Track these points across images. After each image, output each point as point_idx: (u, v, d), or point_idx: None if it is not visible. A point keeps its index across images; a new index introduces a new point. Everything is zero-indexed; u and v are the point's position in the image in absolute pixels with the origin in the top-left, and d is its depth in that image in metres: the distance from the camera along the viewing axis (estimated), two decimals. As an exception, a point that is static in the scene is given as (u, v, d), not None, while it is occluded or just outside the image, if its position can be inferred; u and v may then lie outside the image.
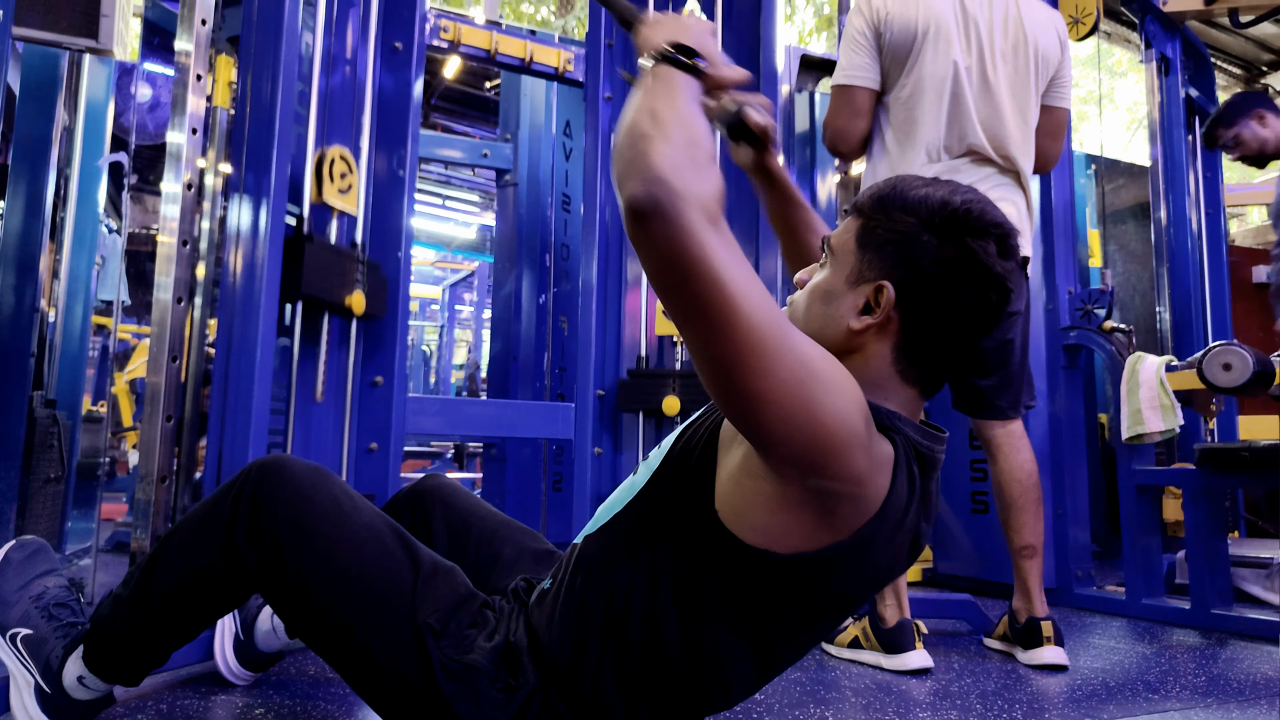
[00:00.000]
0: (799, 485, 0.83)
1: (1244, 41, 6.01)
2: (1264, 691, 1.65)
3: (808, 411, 0.78)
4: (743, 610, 0.91)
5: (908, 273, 0.91)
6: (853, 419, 0.80)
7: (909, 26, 1.91)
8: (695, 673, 0.94)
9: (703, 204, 0.74)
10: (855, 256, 0.94)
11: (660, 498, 0.96)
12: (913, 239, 0.91)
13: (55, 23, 1.98)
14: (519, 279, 3.77)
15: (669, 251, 0.74)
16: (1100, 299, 2.67)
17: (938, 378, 0.95)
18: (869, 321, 0.91)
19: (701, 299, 0.75)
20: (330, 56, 2.03)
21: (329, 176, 1.88)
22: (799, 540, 0.86)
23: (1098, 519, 3.47)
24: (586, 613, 0.96)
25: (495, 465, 3.71)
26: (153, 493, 1.58)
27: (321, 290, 1.82)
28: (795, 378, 0.77)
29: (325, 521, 1.03)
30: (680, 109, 0.82)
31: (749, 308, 0.75)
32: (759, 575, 0.88)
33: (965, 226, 0.91)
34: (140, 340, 5.03)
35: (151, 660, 1.16)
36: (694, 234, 0.74)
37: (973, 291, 0.91)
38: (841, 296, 0.94)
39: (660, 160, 0.75)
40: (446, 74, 5.39)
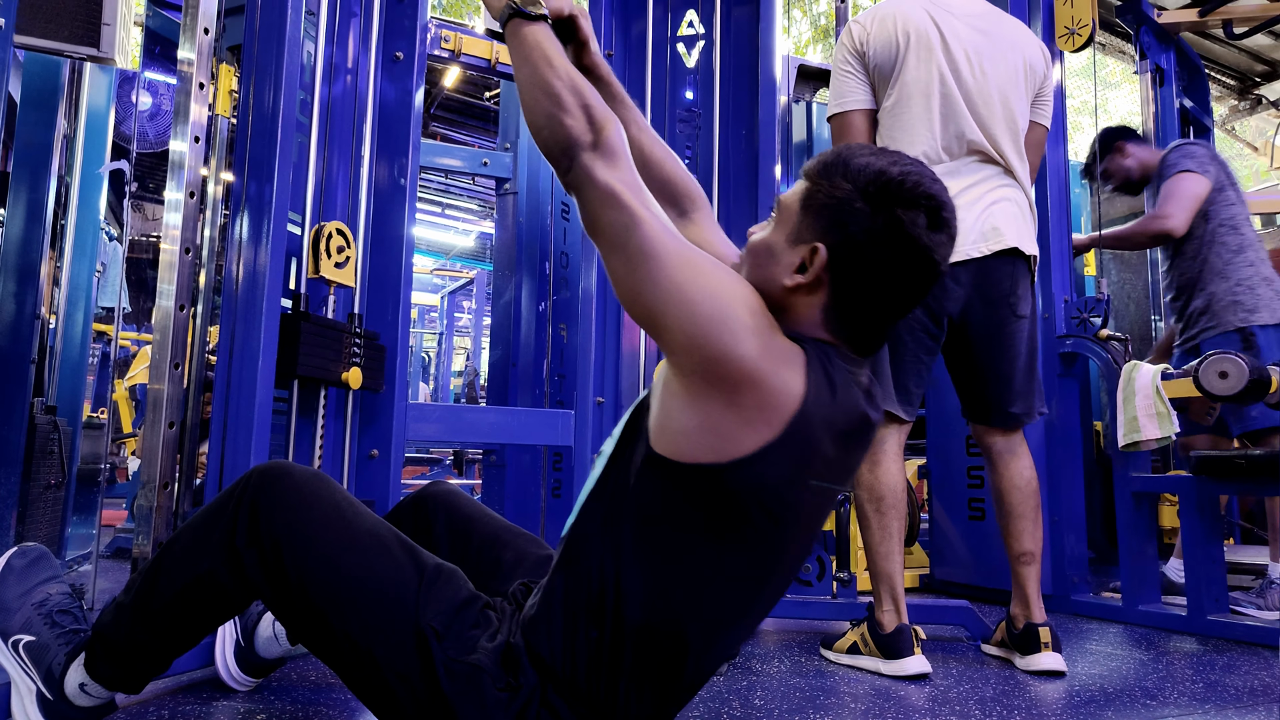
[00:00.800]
0: (700, 377, 0.90)
1: (1237, 53, 6.05)
2: (1261, 697, 1.66)
3: (686, 298, 0.89)
4: (703, 547, 0.94)
5: (840, 237, 0.96)
6: (730, 305, 0.90)
7: (889, 42, 1.94)
8: (673, 636, 0.96)
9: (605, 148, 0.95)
10: (798, 218, 1.00)
11: (613, 474, 1.00)
12: (847, 205, 0.96)
13: (56, 31, 1.98)
14: (518, 286, 3.78)
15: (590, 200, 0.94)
16: (1096, 307, 2.69)
17: (866, 339, 1.00)
18: (800, 280, 0.98)
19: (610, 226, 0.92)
20: (332, 66, 2.05)
21: (325, 251, 1.89)
22: (726, 443, 0.90)
23: (1094, 526, 3.48)
24: (569, 605, 0.98)
25: (495, 472, 3.71)
26: (154, 499, 1.58)
27: (318, 369, 1.83)
28: (681, 275, 0.90)
29: (326, 527, 1.04)
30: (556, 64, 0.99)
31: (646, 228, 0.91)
32: (707, 496, 0.92)
33: (897, 197, 0.95)
34: (141, 347, 5.03)
35: (154, 667, 1.17)
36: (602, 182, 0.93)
37: (898, 261, 0.96)
38: (780, 254, 1.00)
39: (570, 131, 0.95)
40: (446, 83, 5.41)
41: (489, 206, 9.19)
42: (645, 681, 0.97)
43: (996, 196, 1.93)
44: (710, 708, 1.51)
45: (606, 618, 0.96)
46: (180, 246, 1.65)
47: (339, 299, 2.00)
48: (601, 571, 0.96)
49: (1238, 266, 2.71)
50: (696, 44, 2.70)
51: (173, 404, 1.62)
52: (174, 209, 1.66)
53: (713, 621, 0.99)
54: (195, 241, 1.72)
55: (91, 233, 2.85)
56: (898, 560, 1.89)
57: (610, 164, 0.94)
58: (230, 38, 2.11)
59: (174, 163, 1.67)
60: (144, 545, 1.58)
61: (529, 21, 1.03)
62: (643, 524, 0.95)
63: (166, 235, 1.67)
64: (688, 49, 2.71)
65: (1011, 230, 1.91)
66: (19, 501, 2.33)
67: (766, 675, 1.77)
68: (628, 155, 0.97)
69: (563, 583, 1.00)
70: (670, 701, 1.01)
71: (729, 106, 2.62)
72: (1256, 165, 10.13)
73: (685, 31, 2.72)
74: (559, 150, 0.96)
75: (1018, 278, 1.93)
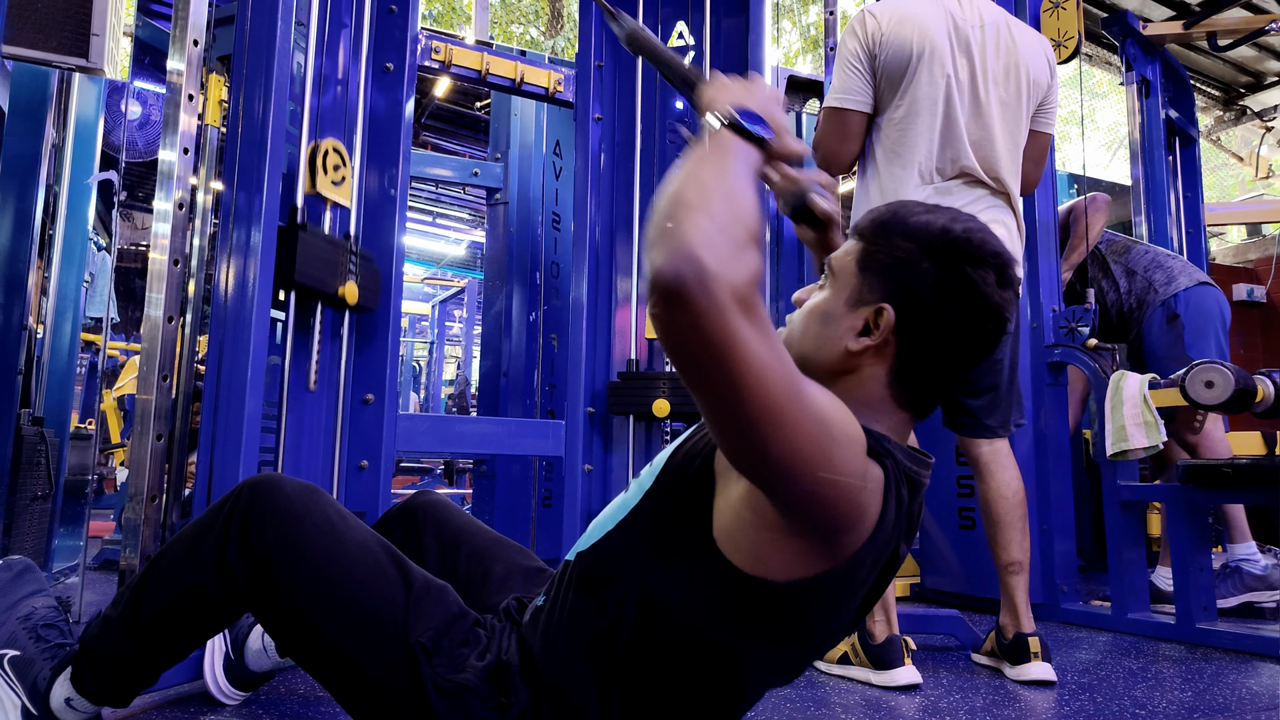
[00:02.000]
0: (805, 525, 0.83)
1: (1222, 64, 6.11)
2: (1249, 706, 1.67)
3: (826, 468, 0.78)
4: (732, 633, 0.91)
5: (906, 297, 0.92)
6: (860, 466, 0.81)
7: (904, 48, 1.91)
8: (683, 693, 0.94)
9: (734, 287, 0.68)
10: (856, 279, 0.95)
11: (653, 517, 0.96)
12: (912, 264, 0.92)
13: (45, 41, 1.98)
14: (509, 296, 3.78)
15: (691, 334, 0.69)
16: (1084, 317, 2.70)
17: (930, 401, 0.96)
18: (867, 343, 0.92)
19: (721, 382, 0.71)
20: (322, 76, 2.05)
21: (322, 168, 1.90)
22: (797, 569, 0.86)
23: (1083, 534, 3.49)
24: (578, 630, 0.96)
25: (485, 482, 3.70)
26: (142, 511, 1.57)
27: (315, 279, 1.82)
28: (812, 438, 0.76)
29: (317, 540, 1.03)
30: (731, 180, 0.77)
31: (770, 383, 0.72)
32: (753, 601, 0.89)
33: (964, 255, 0.92)
34: (129, 357, 5.00)
35: (141, 681, 1.15)
36: (721, 320, 0.68)
37: (969, 319, 0.92)
38: (840, 318, 0.94)
39: (696, 234, 0.69)
40: (437, 93, 5.42)
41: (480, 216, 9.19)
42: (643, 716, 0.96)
43: (987, 219, 1.93)
44: (701, 719, 1.51)
45: (614, 656, 0.94)
46: (169, 257, 1.64)
47: (335, 219, 1.99)
48: (619, 611, 0.94)
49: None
50: (687, 54, 2.72)
51: (161, 415, 1.61)
52: (163, 219, 1.65)
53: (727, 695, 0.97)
54: (184, 252, 1.72)
55: (80, 242, 2.84)
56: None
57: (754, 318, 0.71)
58: (220, 48, 2.11)
59: (163, 173, 1.67)
60: (132, 558, 1.57)
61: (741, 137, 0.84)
62: (680, 597, 0.92)
63: (155, 245, 1.66)
64: (678, 60, 2.72)
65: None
66: (5, 513, 2.31)
67: (757, 686, 1.77)
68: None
69: (572, 607, 0.97)
70: None
71: (719, 117, 2.62)
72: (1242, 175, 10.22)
73: (675, 43, 2.73)
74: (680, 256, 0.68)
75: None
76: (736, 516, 0.87)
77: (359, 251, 1.97)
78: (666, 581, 0.92)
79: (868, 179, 1.99)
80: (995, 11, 2.01)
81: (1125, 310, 3.04)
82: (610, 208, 2.69)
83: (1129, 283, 3.02)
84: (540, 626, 1.00)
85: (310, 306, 1.93)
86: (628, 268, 2.71)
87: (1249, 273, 5.19)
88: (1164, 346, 2.92)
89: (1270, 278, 4.98)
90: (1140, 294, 3.00)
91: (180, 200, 1.66)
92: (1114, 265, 3.07)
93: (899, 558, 0.95)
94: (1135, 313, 3.01)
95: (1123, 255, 3.08)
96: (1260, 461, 2.25)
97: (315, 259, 1.83)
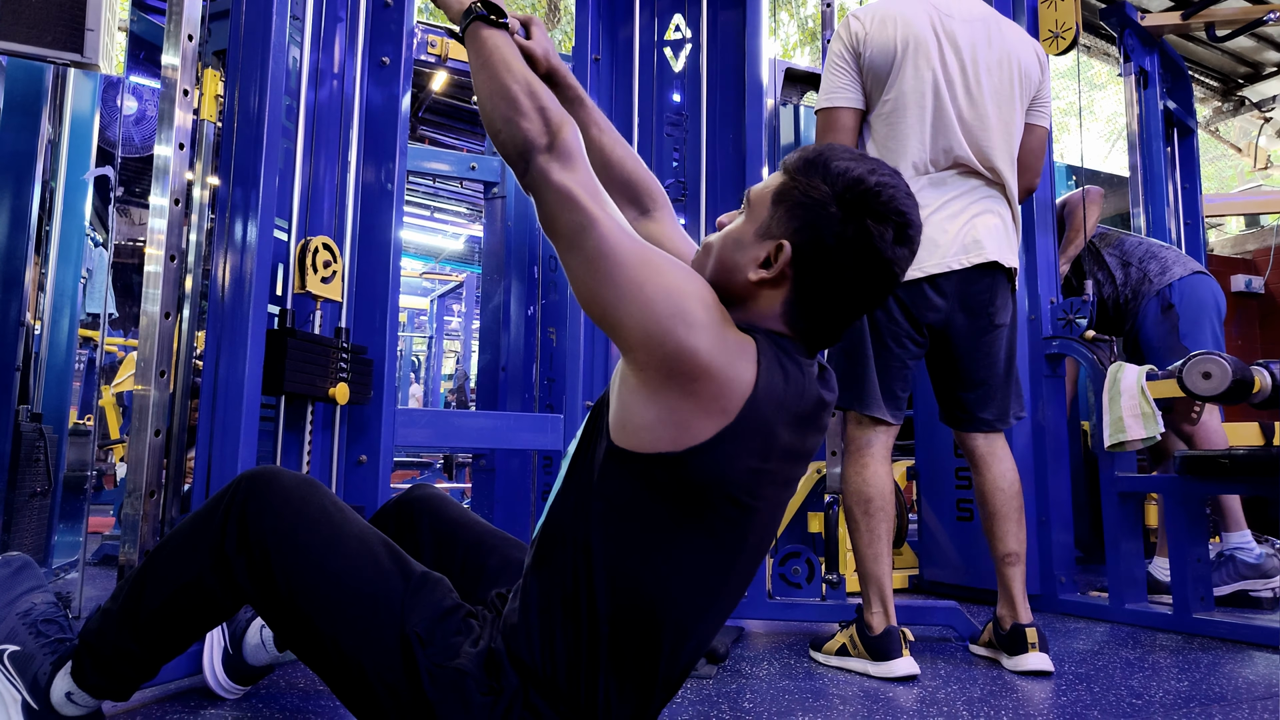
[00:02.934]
0: (656, 370, 0.91)
1: (1220, 55, 6.10)
2: (1245, 695, 1.68)
3: (643, 296, 0.90)
4: (667, 537, 0.95)
5: (808, 238, 0.98)
6: (685, 301, 0.92)
7: (887, 45, 1.93)
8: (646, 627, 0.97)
9: (560, 150, 0.96)
10: (769, 211, 1.01)
11: (578, 473, 1.01)
12: (820, 207, 0.98)
13: (40, 37, 1.97)
14: (507, 290, 3.78)
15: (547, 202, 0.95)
16: (1082, 309, 2.70)
17: (817, 342, 1.03)
18: (764, 275, 0.99)
19: (567, 226, 0.94)
20: (318, 71, 2.04)
21: (311, 266, 1.88)
22: (683, 432, 0.91)
23: (1080, 525, 3.49)
24: (544, 606, 0.99)
25: (484, 476, 3.70)
26: (141, 507, 1.58)
27: (305, 385, 1.82)
28: (637, 273, 0.91)
29: (315, 533, 1.04)
30: (514, 68, 1.01)
31: (603, 228, 0.92)
32: (668, 485, 0.93)
33: (869, 208, 0.97)
34: (127, 353, 5.00)
35: (140, 675, 1.16)
36: (558, 184, 0.95)
37: (861, 271, 0.98)
38: (747, 246, 1.01)
39: (527, 134, 0.96)
40: (434, 87, 5.41)
41: (478, 210, 9.18)
42: (623, 677, 0.98)
43: (979, 209, 1.95)
44: (699, 710, 1.51)
45: (581, 615, 0.97)
46: (166, 253, 1.64)
47: (325, 313, 1.99)
48: (575, 570, 0.97)
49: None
50: (683, 48, 2.71)
51: (159, 411, 1.61)
52: (159, 215, 1.65)
53: (683, 611, 0.99)
54: (181, 248, 1.72)
55: (77, 238, 2.83)
56: (886, 562, 1.90)
57: (566, 165, 0.96)
58: (215, 42, 2.10)
59: (159, 169, 1.67)
60: (131, 553, 1.57)
61: (489, 26, 1.05)
62: (608, 518, 0.96)
63: (152, 241, 1.66)
64: (675, 53, 2.72)
65: (992, 243, 1.93)
66: (4, 510, 2.31)
67: (755, 678, 1.78)
68: (584, 156, 0.98)
69: (537, 584, 1.00)
70: (650, 698, 1.02)
71: (716, 110, 2.62)
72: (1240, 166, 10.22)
73: (672, 36, 2.72)
74: (515, 153, 0.98)
75: (997, 289, 1.95)
76: (618, 401, 0.97)
77: (350, 348, 1.96)
78: (598, 521, 0.96)
79: None
80: (983, 8, 2.03)
81: (1121, 302, 3.04)
82: (607, 201, 2.69)
83: (1124, 274, 3.02)
84: (519, 613, 1.01)
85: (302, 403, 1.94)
86: (625, 261, 2.70)
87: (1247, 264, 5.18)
88: (1159, 337, 2.92)
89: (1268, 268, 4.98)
90: (1135, 285, 3.00)
91: (176, 195, 1.66)
92: (1109, 257, 3.07)
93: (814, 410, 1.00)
94: (1131, 304, 3.01)
95: (1116, 247, 3.08)
96: (1257, 452, 2.26)
97: (304, 364, 1.82)
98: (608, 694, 0.97)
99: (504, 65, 1.01)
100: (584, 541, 0.97)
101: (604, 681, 0.97)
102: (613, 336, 0.94)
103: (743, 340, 0.94)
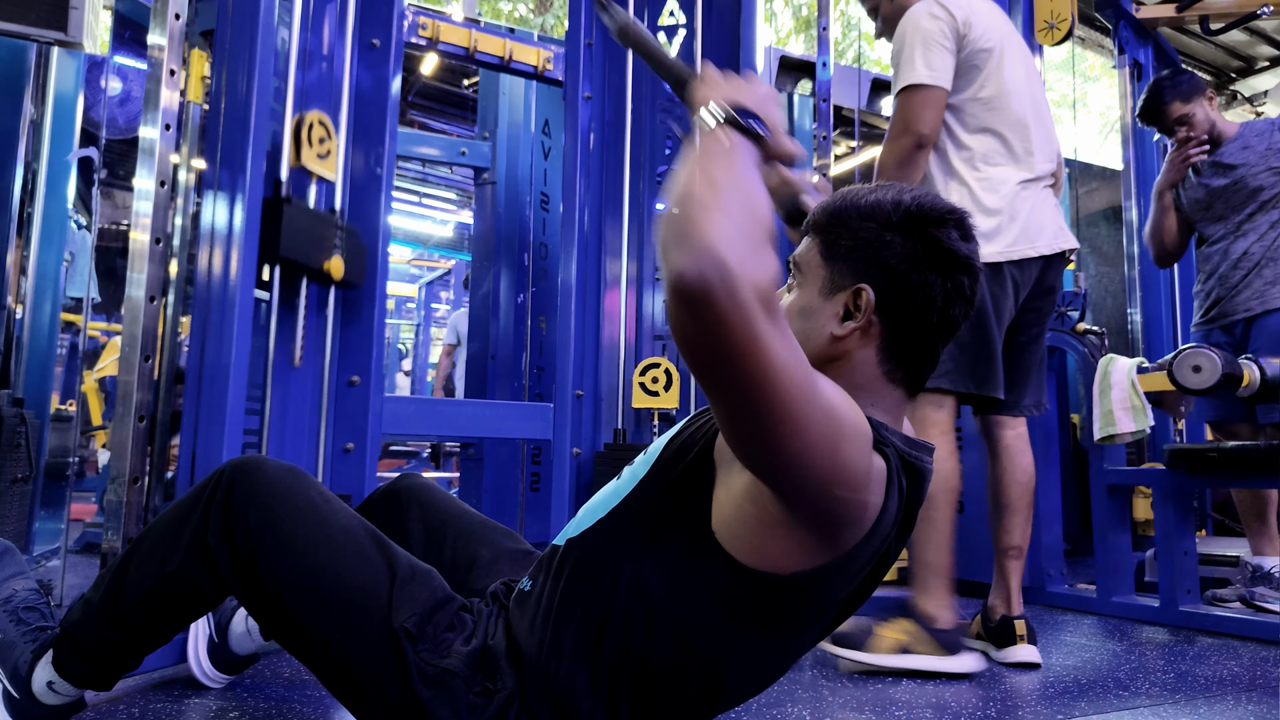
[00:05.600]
0: (810, 521, 0.83)
1: (1214, 48, 6.12)
2: (1230, 687, 1.68)
3: (833, 465, 0.78)
4: (730, 625, 0.91)
5: (881, 274, 0.92)
6: (866, 461, 0.81)
7: (989, 36, 1.96)
8: (676, 684, 0.94)
9: (758, 288, 0.68)
10: (824, 270, 0.95)
11: (646, 506, 0.95)
12: (878, 241, 0.93)
13: (23, 14, 1.93)
14: (497, 278, 3.76)
15: (715, 338, 0.68)
16: (1073, 301, 2.71)
17: (921, 374, 0.97)
18: (852, 326, 0.92)
19: (743, 385, 0.71)
20: (306, 52, 2.01)
21: (307, 141, 1.87)
22: (797, 563, 0.86)
23: (1069, 518, 3.51)
24: (567, 618, 0.95)
25: (472, 465, 3.69)
26: (124, 494, 1.55)
27: (300, 253, 1.80)
28: (824, 436, 0.76)
29: (300, 524, 1.02)
30: (741, 177, 0.76)
31: (789, 384, 0.72)
32: (749, 592, 0.88)
33: (925, 219, 0.93)
34: (110, 337, 4.95)
35: (123, 664, 1.14)
36: (746, 323, 0.68)
37: (946, 278, 0.93)
38: (819, 309, 0.94)
39: (716, 233, 0.68)
40: (424, 71, 5.35)
41: (467, 196, 9.12)
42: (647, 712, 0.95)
43: (1054, 201, 2.03)
44: (689, 702, 1.51)
45: (607, 645, 0.93)
46: (151, 236, 1.61)
47: (320, 193, 1.97)
48: (611, 600, 0.93)
49: None
50: (677, 33, 2.69)
51: (143, 397, 1.59)
52: (144, 198, 1.62)
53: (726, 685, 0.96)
54: (166, 231, 1.69)
55: (59, 221, 2.79)
56: (950, 552, 1.86)
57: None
58: (203, 22, 2.07)
59: (144, 150, 1.64)
60: (114, 541, 1.55)
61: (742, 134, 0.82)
62: (676, 586, 0.91)
63: (136, 224, 1.63)
64: (668, 38, 2.70)
65: (1068, 232, 2.00)
66: (-15, 495, 2.28)
67: (745, 668, 1.77)
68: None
69: (562, 595, 0.96)
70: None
71: (710, 98, 2.60)
72: (1229, 161, 10.21)
73: (666, 21, 2.70)
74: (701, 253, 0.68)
75: (1061, 277, 2.03)
76: (738, 509, 0.86)
77: (345, 226, 1.94)
78: (660, 571, 0.91)
79: (947, 155, 1.98)
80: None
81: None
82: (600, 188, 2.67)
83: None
84: (528, 613, 0.99)
85: (295, 283, 1.90)
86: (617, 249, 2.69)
87: None
88: None
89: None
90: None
91: (162, 178, 1.63)
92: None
93: (897, 547, 0.95)
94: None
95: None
96: (1247, 446, 2.26)
97: (300, 233, 1.80)
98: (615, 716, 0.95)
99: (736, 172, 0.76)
100: (633, 585, 0.92)
101: (625, 712, 0.94)
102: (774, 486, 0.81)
103: (880, 466, 0.84)
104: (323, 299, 1.99)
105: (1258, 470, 2.22)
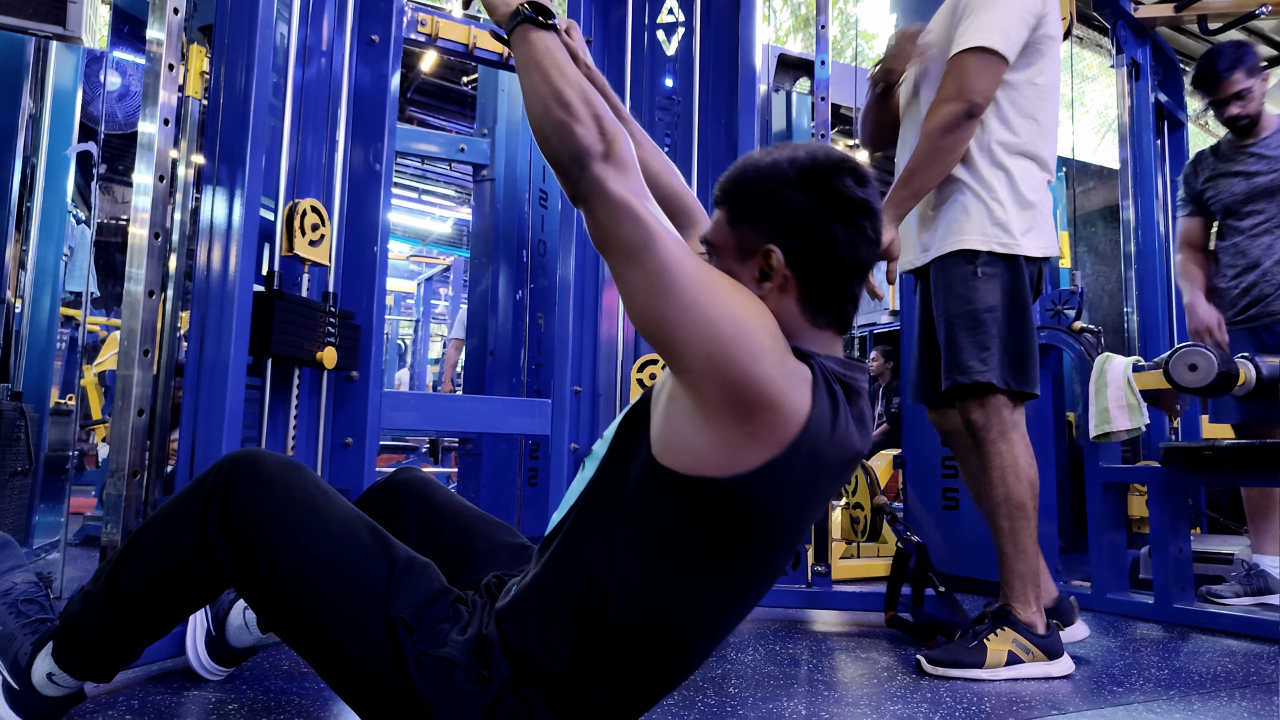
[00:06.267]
0: (716, 396, 0.88)
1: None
2: (1224, 684, 1.69)
3: (707, 318, 0.87)
4: (697, 557, 0.94)
5: (787, 231, 0.98)
6: (750, 326, 0.89)
7: (1056, 24, 1.94)
8: (664, 639, 0.96)
9: (617, 159, 0.91)
10: (733, 237, 1.01)
11: (608, 476, 0.99)
12: (779, 199, 0.98)
13: (21, 8, 1.93)
14: (495, 274, 3.76)
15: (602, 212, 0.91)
16: (1070, 300, 2.71)
17: (845, 314, 1.02)
18: (769, 286, 0.98)
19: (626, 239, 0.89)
20: (305, 48, 2.02)
21: (300, 229, 1.86)
22: (732, 459, 0.90)
23: (1064, 515, 3.52)
24: (552, 600, 0.97)
25: (471, 460, 3.70)
26: (123, 488, 1.56)
27: (291, 347, 1.80)
28: (702, 294, 0.88)
29: (298, 517, 1.02)
30: (568, 73, 0.95)
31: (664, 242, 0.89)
32: (707, 508, 0.92)
33: (820, 172, 0.98)
34: (110, 332, 4.95)
35: (123, 656, 1.15)
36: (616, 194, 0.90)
37: (849, 225, 0.98)
38: (737, 275, 0.99)
39: (582, 140, 0.91)
40: (423, 68, 5.35)
41: (466, 192, 9.12)
42: (628, 681, 0.98)
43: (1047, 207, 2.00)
44: (685, 695, 1.52)
45: (589, 619, 0.95)
46: (150, 231, 1.62)
47: (313, 278, 1.97)
48: (589, 573, 0.96)
49: None
50: (676, 31, 2.69)
51: (142, 391, 1.59)
52: (143, 192, 1.62)
53: (704, 627, 0.99)
54: (165, 225, 1.69)
55: (58, 216, 2.79)
56: (1039, 556, 1.84)
57: (623, 175, 0.91)
58: (201, 17, 2.07)
59: (143, 145, 1.64)
60: (113, 534, 1.56)
61: (538, 28, 1.00)
62: (639, 532, 0.95)
63: (135, 219, 1.63)
64: (667, 36, 2.70)
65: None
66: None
67: (741, 664, 1.78)
68: (638, 168, 0.94)
69: (545, 580, 0.99)
70: (651, 700, 1.02)
71: (708, 95, 2.61)
72: (1227, 160, 10.20)
73: (665, 19, 2.70)
74: (568, 159, 0.92)
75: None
76: (664, 418, 0.94)
77: (338, 312, 1.94)
78: (627, 527, 0.95)
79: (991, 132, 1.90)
80: None
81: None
82: (598, 185, 2.67)
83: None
84: (519, 603, 1.00)
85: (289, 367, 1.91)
86: (615, 246, 2.69)
87: None
88: None
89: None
90: None
91: (161, 172, 1.64)
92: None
93: (850, 460, 0.98)
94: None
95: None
96: (1241, 444, 2.27)
97: (292, 326, 1.80)
98: (608, 695, 0.97)
99: (556, 69, 0.95)
100: (606, 548, 0.96)
101: (606, 685, 0.97)
102: (668, 356, 0.91)
103: (801, 369, 0.92)
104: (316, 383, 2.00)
105: (1252, 468, 2.23)
